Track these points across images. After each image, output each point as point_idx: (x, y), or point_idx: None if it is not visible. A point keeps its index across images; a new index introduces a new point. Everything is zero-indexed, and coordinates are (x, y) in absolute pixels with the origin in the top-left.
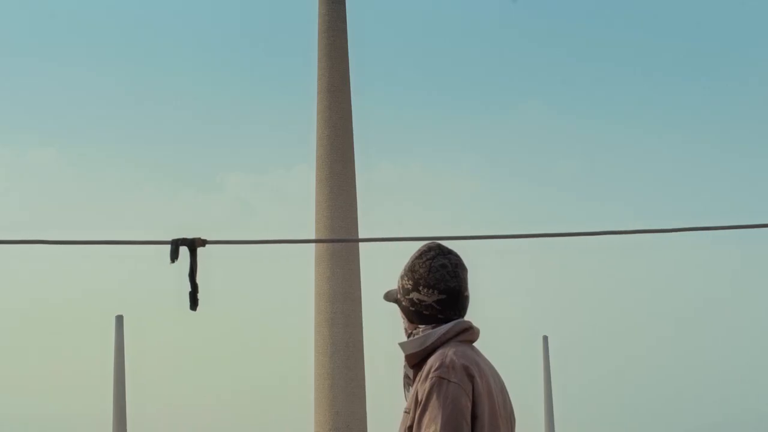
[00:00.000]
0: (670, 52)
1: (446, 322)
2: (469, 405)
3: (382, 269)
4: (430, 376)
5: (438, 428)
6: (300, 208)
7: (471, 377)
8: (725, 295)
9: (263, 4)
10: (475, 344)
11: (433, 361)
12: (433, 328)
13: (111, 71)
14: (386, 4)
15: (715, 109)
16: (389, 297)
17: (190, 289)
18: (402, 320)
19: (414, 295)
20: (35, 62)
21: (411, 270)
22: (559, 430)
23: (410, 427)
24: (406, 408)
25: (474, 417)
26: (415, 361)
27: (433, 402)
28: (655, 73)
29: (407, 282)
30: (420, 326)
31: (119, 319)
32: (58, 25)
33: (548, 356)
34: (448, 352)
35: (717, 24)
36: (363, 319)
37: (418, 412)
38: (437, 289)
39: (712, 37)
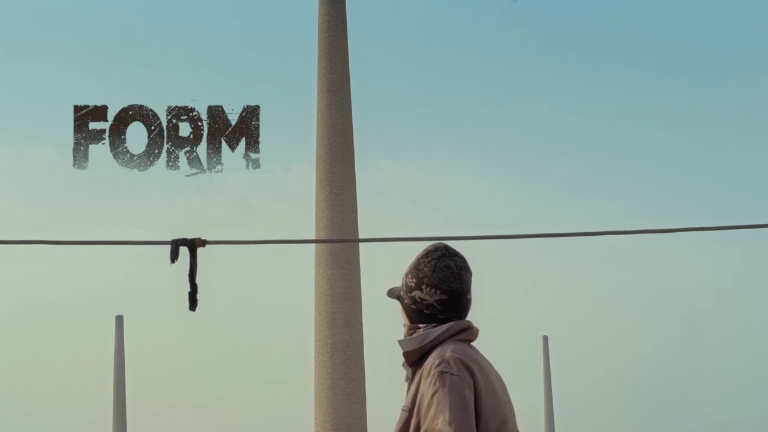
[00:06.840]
0: (670, 52)
1: (446, 322)
2: (472, 397)
3: (382, 269)
4: (431, 372)
5: (446, 418)
6: (300, 208)
7: (471, 372)
8: (726, 295)
9: (263, 4)
10: (474, 344)
11: (432, 359)
12: (433, 327)
13: (111, 71)
14: (386, 4)
15: (715, 108)
16: (392, 293)
17: (189, 290)
18: (402, 318)
19: (416, 294)
20: (35, 62)
21: (416, 268)
22: (559, 430)
23: (407, 422)
24: (404, 406)
25: (477, 412)
26: (414, 359)
27: (439, 395)
28: (655, 73)
29: (411, 280)
30: (420, 326)
31: (119, 319)
32: (58, 25)
33: (548, 356)
34: (447, 349)
35: (718, 24)
36: (363, 319)
37: (423, 408)
38: (440, 289)
39: (712, 37)
